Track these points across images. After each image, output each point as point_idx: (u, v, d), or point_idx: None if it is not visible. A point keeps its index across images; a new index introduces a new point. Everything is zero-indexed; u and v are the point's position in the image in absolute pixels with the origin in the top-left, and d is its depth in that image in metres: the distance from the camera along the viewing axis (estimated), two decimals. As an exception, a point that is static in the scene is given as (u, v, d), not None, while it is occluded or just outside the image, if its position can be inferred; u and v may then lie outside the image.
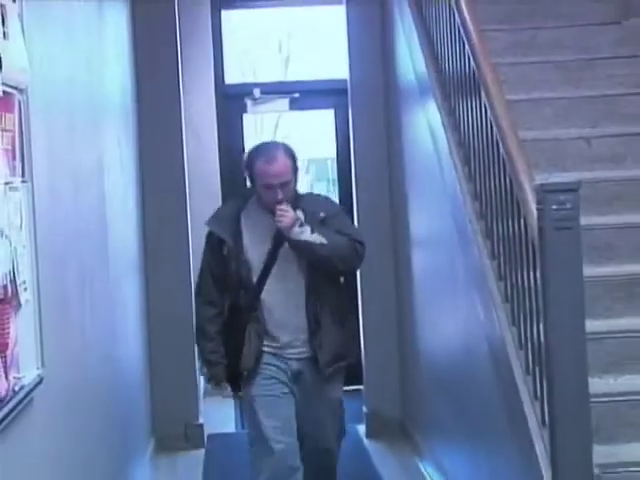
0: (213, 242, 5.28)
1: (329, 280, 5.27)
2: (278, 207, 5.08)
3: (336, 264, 5.18)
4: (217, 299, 5.31)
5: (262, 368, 5.22)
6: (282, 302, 5.21)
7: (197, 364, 5.76)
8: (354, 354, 5.51)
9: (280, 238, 5.15)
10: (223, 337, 5.30)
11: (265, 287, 5.19)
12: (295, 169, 5.22)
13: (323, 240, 5.11)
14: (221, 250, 5.22)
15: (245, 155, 5.38)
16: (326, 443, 5.38)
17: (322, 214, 5.22)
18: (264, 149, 5.28)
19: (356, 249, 5.22)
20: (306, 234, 5.11)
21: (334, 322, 5.24)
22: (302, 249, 5.13)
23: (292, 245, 5.13)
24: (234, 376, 5.29)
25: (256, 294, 5.19)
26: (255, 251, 5.21)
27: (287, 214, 5.08)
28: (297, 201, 5.23)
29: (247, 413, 5.36)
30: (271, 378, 5.23)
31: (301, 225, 5.11)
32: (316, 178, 14.57)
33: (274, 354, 5.24)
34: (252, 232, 5.24)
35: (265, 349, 5.23)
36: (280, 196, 5.09)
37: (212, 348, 5.29)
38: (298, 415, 5.29)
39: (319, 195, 5.91)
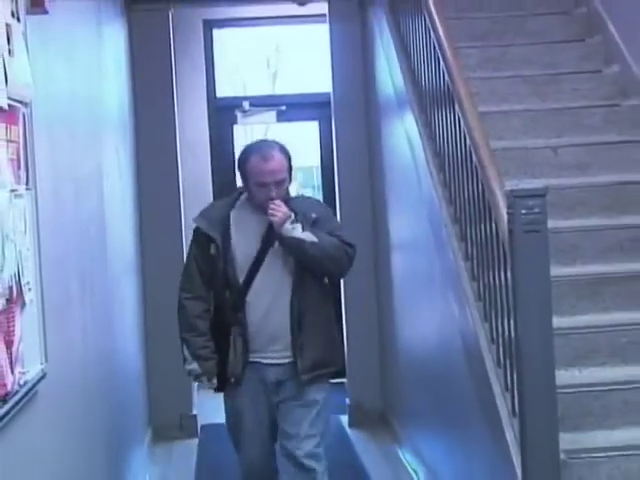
0: (201, 239, 4.85)
1: (316, 284, 4.83)
2: (271, 202, 4.67)
3: (326, 264, 4.76)
4: (206, 295, 4.88)
5: (246, 382, 4.81)
6: (267, 304, 4.75)
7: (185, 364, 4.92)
8: (338, 362, 4.98)
9: (270, 238, 4.74)
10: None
11: (251, 288, 4.76)
12: (290, 168, 4.80)
13: (314, 239, 4.68)
14: (208, 248, 4.80)
15: (240, 152, 4.91)
16: (304, 461, 4.79)
17: (314, 215, 4.80)
18: (259, 147, 4.84)
19: (346, 251, 4.79)
20: (297, 231, 4.68)
21: (317, 327, 4.80)
22: (293, 246, 4.70)
23: (282, 242, 4.71)
24: (220, 378, 4.86)
25: (242, 295, 4.76)
26: (243, 251, 4.78)
27: (280, 209, 4.67)
28: (288, 203, 4.78)
29: (229, 420, 4.99)
30: (254, 397, 4.84)
31: (293, 222, 4.69)
32: (302, 185, 14.56)
33: (254, 363, 4.80)
34: (241, 231, 4.81)
35: (249, 356, 4.80)
36: (274, 194, 4.69)
37: (203, 343, 4.83)
38: (278, 428, 4.89)
39: (310, 197, 5.63)
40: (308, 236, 4.69)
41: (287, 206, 4.74)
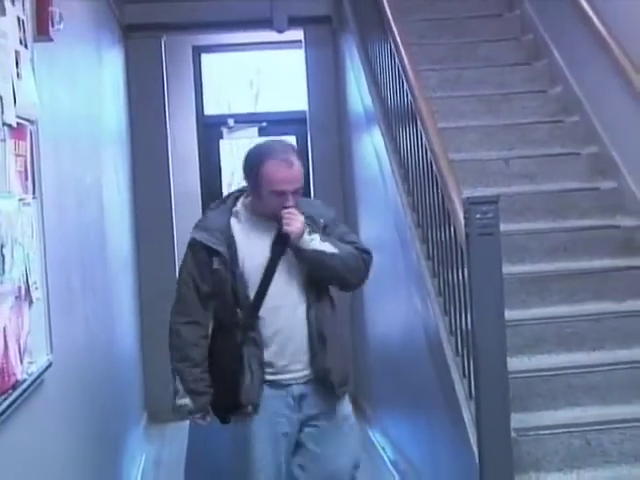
0: (200, 254, 3.84)
1: (328, 294, 3.97)
2: (286, 211, 3.77)
3: (345, 276, 3.89)
4: (203, 319, 3.88)
5: (263, 403, 3.84)
6: (283, 319, 3.83)
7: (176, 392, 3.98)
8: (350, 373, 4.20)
9: (280, 247, 3.82)
10: (208, 364, 3.91)
11: (264, 304, 3.82)
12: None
13: (334, 250, 3.81)
14: (210, 264, 3.81)
15: (250, 154, 3.88)
16: None
17: (322, 220, 3.92)
18: (276, 150, 3.82)
19: (364, 259, 3.94)
20: (316, 242, 3.80)
21: (337, 340, 3.95)
22: (312, 260, 3.80)
23: (300, 255, 3.80)
24: (226, 408, 3.89)
25: (254, 312, 3.81)
26: (251, 263, 3.81)
27: (297, 218, 3.77)
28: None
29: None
30: (272, 413, 3.84)
31: (310, 232, 3.82)
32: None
33: (272, 382, 3.85)
34: (247, 242, 3.84)
35: (265, 377, 3.85)
36: (291, 203, 3.78)
37: (197, 375, 3.86)
38: (304, 449, 3.92)
39: (315, 199, 4.61)
40: (328, 247, 3.82)
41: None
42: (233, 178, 14.82)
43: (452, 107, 6.10)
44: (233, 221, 3.88)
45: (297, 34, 8.18)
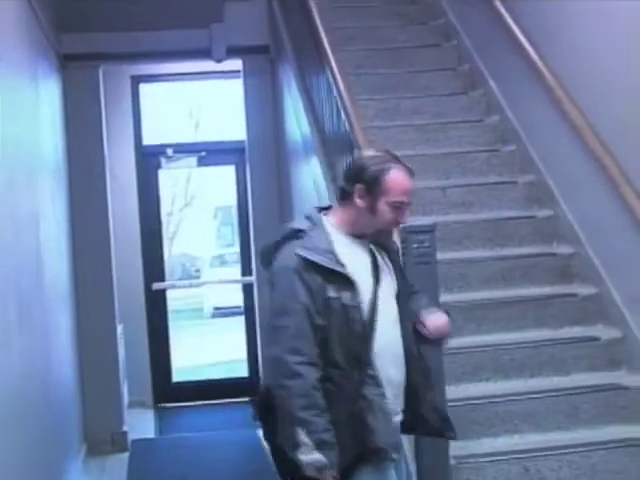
0: (313, 279, 3.19)
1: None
2: (435, 324, 3.39)
3: None
4: (317, 358, 3.19)
5: None
6: (393, 354, 3.30)
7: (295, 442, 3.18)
8: None
9: (378, 272, 3.32)
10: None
11: (375, 337, 3.25)
12: None
13: None
14: (324, 290, 3.19)
15: (367, 163, 3.37)
16: None
17: (396, 248, 3.62)
18: (394, 159, 3.40)
19: None
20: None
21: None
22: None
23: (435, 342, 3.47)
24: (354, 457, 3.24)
25: (368, 345, 3.24)
26: (364, 291, 3.26)
27: (441, 322, 3.43)
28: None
29: None
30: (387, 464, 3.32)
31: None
32: (222, 223, 14.51)
33: None
34: (352, 265, 3.25)
35: None
36: (406, 219, 3.39)
37: (325, 425, 3.14)
38: None
39: None
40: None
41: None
42: (172, 207, 14.80)
43: (389, 136, 6.10)
44: (334, 244, 3.30)
45: (236, 64, 8.19)
